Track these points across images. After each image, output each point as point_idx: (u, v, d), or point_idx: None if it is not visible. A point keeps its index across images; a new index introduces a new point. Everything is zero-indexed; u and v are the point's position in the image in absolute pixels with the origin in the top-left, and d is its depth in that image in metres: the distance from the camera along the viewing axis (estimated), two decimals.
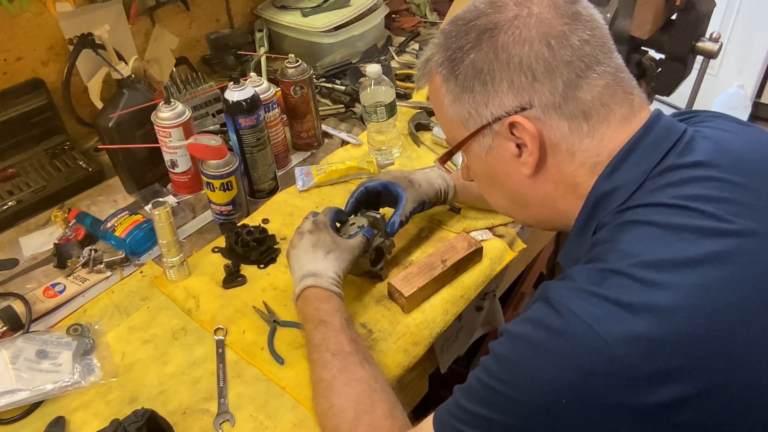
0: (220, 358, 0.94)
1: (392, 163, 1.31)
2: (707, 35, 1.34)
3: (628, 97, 0.68)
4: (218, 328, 0.98)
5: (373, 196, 1.06)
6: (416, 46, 1.73)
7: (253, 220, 1.18)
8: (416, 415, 0.74)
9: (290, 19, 1.61)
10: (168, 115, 1.15)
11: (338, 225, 1.01)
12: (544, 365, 0.57)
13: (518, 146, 0.68)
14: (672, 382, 0.53)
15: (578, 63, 0.65)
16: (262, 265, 1.09)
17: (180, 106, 1.17)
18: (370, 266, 1.01)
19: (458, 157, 1.21)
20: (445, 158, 0.77)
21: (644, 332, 0.53)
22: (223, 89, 1.19)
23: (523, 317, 0.62)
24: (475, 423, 0.62)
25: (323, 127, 1.41)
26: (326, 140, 1.41)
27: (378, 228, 1.01)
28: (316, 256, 0.91)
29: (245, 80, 1.18)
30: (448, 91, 0.70)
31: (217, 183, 1.11)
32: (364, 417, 0.75)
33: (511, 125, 0.67)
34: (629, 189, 0.64)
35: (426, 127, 1.40)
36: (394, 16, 1.85)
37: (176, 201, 1.24)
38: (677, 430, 0.54)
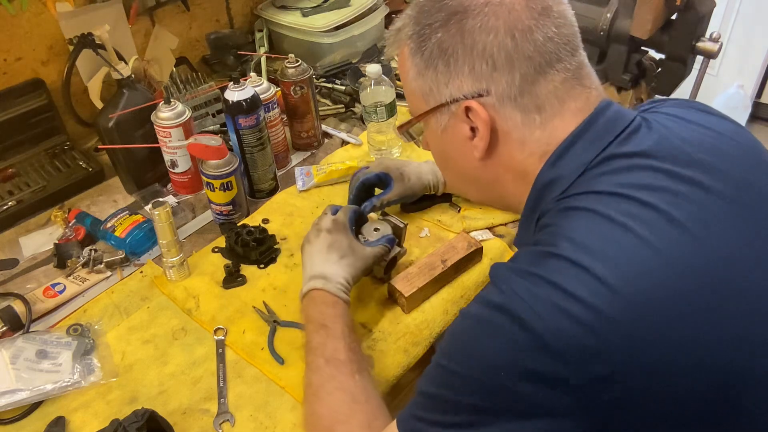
0: (220, 358, 0.94)
1: None
2: (707, 35, 1.34)
3: (586, 90, 0.69)
4: (218, 328, 0.98)
5: (370, 187, 1.11)
6: None
7: (253, 220, 1.18)
8: None
9: (290, 19, 1.61)
10: (168, 115, 1.15)
11: (354, 228, 1.00)
12: (488, 341, 0.59)
13: (472, 129, 0.70)
14: (596, 361, 0.55)
15: (538, 59, 0.66)
16: (262, 265, 1.09)
17: (180, 106, 1.17)
18: (383, 274, 1.01)
19: None
20: (404, 127, 0.79)
21: (575, 312, 0.55)
22: (223, 89, 1.19)
23: (474, 298, 0.65)
24: (439, 407, 0.63)
25: (323, 127, 1.41)
26: (326, 140, 1.41)
27: (399, 237, 1.01)
28: (330, 258, 0.91)
29: (245, 80, 1.18)
30: (414, 65, 0.71)
31: (217, 183, 1.11)
32: (337, 427, 0.75)
33: (467, 109, 0.68)
34: (571, 177, 0.66)
35: None
36: (394, 16, 1.83)
37: (176, 201, 1.24)
38: (609, 406, 0.56)
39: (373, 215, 1.08)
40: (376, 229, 1.00)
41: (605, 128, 0.67)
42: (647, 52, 1.46)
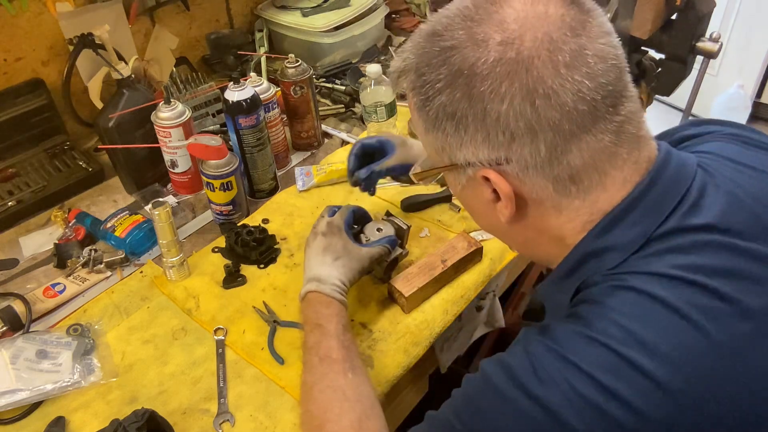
0: (220, 358, 0.94)
1: None
2: (707, 35, 1.34)
3: (634, 152, 0.59)
4: (218, 328, 0.98)
5: (369, 155, 1.07)
6: None
7: (253, 220, 1.18)
8: (416, 414, 0.74)
9: (290, 19, 1.61)
10: (168, 115, 1.15)
11: (356, 226, 1.00)
12: (510, 424, 0.55)
13: (494, 191, 0.61)
14: None
15: (568, 126, 0.55)
16: (262, 265, 1.09)
17: (180, 106, 1.17)
18: (383, 274, 1.01)
19: None
20: (420, 176, 0.72)
21: (617, 416, 0.50)
22: (223, 89, 1.19)
23: (502, 360, 0.59)
24: None
25: (323, 127, 1.41)
26: (326, 140, 1.41)
27: (401, 238, 1.01)
28: (324, 260, 0.91)
29: (245, 80, 1.18)
30: (421, 119, 0.63)
31: (217, 183, 1.11)
32: (327, 425, 0.74)
33: (485, 176, 0.60)
34: (625, 251, 0.58)
35: None
36: (394, 16, 1.85)
37: (176, 201, 1.24)
38: None
39: (377, 215, 1.08)
40: (378, 230, 1.00)
41: (664, 194, 0.58)
42: (647, 52, 1.46)
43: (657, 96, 1.57)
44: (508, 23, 0.56)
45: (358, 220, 1.00)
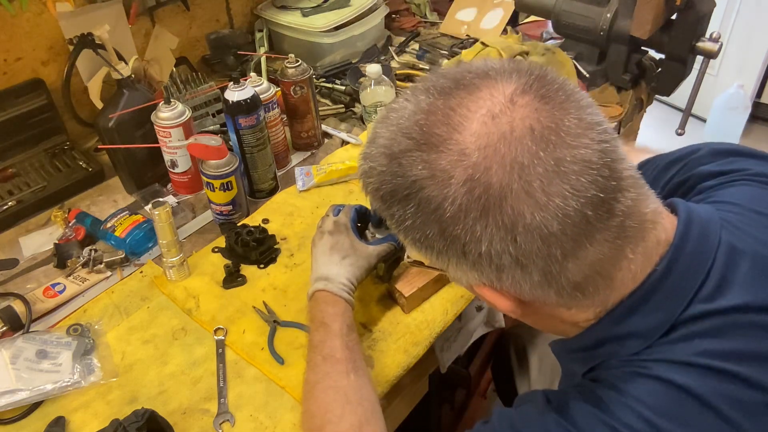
0: (220, 358, 0.94)
1: None
2: (707, 35, 1.34)
3: (639, 246, 0.53)
4: (218, 328, 0.98)
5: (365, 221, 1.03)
6: (416, 46, 1.73)
7: (253, 220, 1.18)
8: (416, 414, 0.74)
9: (290, 19, 1.61)
10: (168, 115, 1.15)
11: (359, 224, 0.99)
12: None
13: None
14: None
15: (559, 251, 0.49)
16: (262, 265, 1.09)
17: (180, 106, 1.17)
18: (383, 272, 1.01)
19: None
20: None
21: None
22: (223, 89, 1.19)
23: (514, 420, 0.57)
24: None
25: (323, 127, 1.41)
26: (326, 140, 1.41)
27: None
28: (332, 259, 0.91)
29: (245, 80, 1.18)
30: (401, 236, 0.57)
31: (217, 183, 1.11)
32: (327, 427, 0.74)
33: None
34: (648, 338, 0.54)
35: None
36: (394, 16, 1.85)
37: (176, 201, 1.24)
38: None
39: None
40: (384, 228, 0.99)
41: (686, 274, 0.53)
42: (647, 52, 1.46)
43: (657, 96, 1.57)
44: (469, 153, 0.49)
45: (361, 218, 1.00)
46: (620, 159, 0.51)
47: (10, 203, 1.20)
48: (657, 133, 2.39)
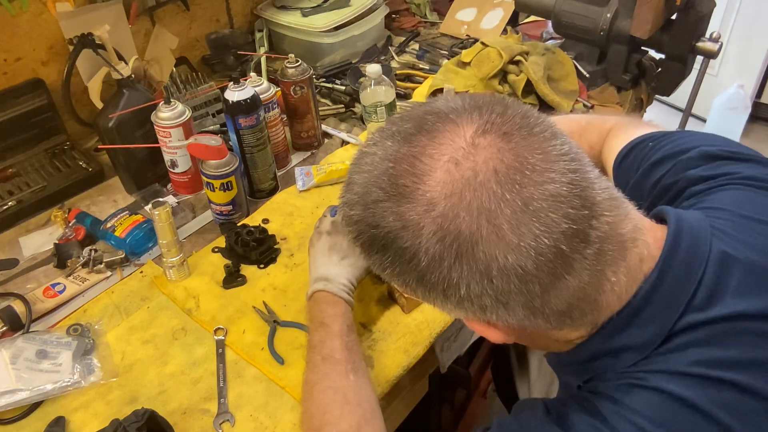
0: (220, 358, 0.94)
1: None
2: (707, 35, 1.34)
3: (620, 267, 0.53)
4: (218, 328, 0.98)
5: None
6: (416, 46, 1.73)
7: (253, 220, 1.18)
8: (416, 414, 0.74)
9: (290, 19, 1.61)
10: (168, 115, 1.15)
11: None
12: None
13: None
14: None
15: (538, 287, 0.50)
16: (262, 265, 1.09)
17: (180, 106, 1.17)
18: None
19: None
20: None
21: None
22: (223, 89, 1.19)
23: (515, 431, 0.57)
24: None
25: (323, 127, 1.41)
26: (326, 140, 1.41)
27: None
28: (331, 260, 0.91)
29: (245, 80, 1.18)
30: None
31: (217, 183, 1.11)
32: (326, 427, 0.74)
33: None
34: (643, 350, 0.54)
35: None
36: (394, 16, 1.85)
37: (176, 201, 1.24)
38: None
39: None
40: None
41: (676, 286, 0.53)
42: (647, 52, 1.46)
43: (657, 96, 1.57)
44: (436, 203, 0.49)
45: None
46: (592, 185, 0.51)
47: (10, 203, 1.20)
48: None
